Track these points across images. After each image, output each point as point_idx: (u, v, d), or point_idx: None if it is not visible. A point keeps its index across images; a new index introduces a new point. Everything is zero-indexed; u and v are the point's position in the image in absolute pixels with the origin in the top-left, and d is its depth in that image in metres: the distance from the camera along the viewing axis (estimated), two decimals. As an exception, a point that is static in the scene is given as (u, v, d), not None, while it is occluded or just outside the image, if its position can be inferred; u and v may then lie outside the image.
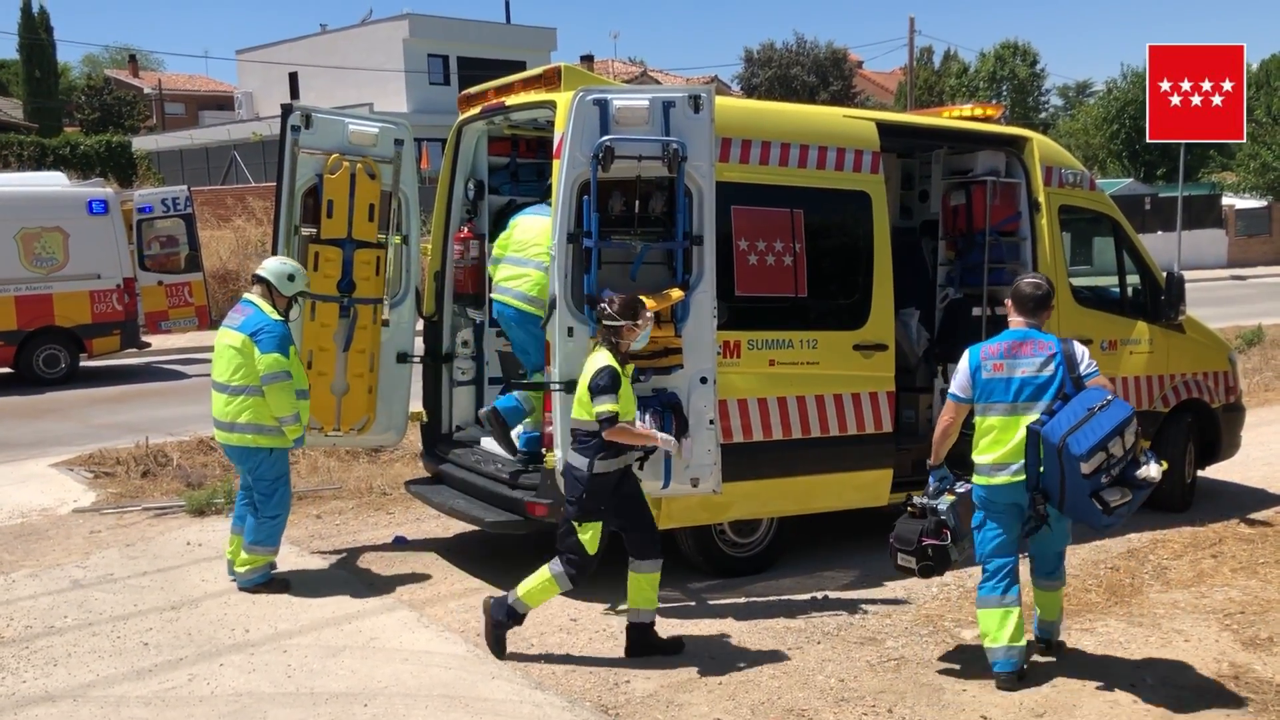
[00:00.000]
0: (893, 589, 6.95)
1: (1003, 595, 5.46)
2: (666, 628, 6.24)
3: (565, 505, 5.84)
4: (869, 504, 7.46)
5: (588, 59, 54.29)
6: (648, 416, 6.13)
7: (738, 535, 7.14)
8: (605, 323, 5.74)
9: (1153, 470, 5.20)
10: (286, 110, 7.29)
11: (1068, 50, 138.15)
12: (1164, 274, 8.87)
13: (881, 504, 7.49)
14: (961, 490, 5.67)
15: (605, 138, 6.13)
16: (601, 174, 6.18)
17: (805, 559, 7.41)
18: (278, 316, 6.81)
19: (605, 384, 5.53)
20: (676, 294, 6.26)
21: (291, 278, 6.93)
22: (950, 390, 5.68)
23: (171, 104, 62.65)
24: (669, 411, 6.21)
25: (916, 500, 5.77)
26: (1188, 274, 9.93)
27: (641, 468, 6.25)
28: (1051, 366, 5.35)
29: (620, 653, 5.88)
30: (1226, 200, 42.03)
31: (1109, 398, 5.22)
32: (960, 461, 5.85)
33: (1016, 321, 5.54)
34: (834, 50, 54.61)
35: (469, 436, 7.99)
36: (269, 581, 6.88)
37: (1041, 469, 5.28)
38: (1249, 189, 42.08)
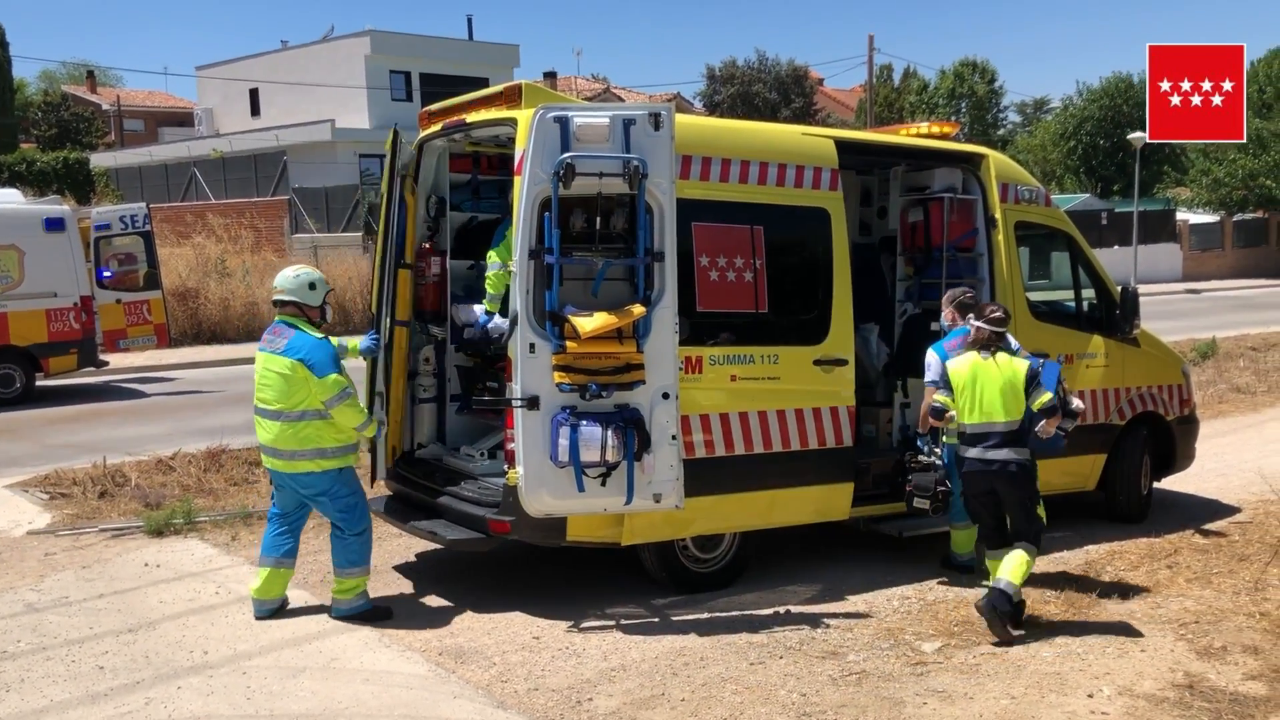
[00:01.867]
0: (854, 603, 6.99)
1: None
2: (628, 643, 6.25)
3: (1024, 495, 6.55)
4: (830, 518, 7.51)
5: (551, 76, 54.43)
6: (609, 433, 6.16)
7: (701, 550, 7.15)
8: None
9: (1077, 402, 6.94)
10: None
11: (1025, 68, 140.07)
12: (1119, 288, 9.00)
13: (842, 518, 7.54)
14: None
15: (566, 154, 6.16)
16: (563, 191, 6.20)
17: (768, 574, 7.43)
18: (319, 334, 6.60)
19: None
20: (638, 310, 6.29)
21: (313, 285, 6.68)
22: (930, 379, 7.08)
23: (130, 120, 62.08)
24: (631, 428, 6.23)
25: (921, 458, 7.28)
26: (1143, 288, 10.10)
27: (605, 483, 6.26)
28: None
29: (584, 670, 5.87)
30: (1181, 215, 42.79)
31: (1043, 361, 6.79)
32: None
33: (962, 323, 7.02)
34: (795, 68, 55.03)
35: (431, 454, 7.95)
36: (372, 610, 6.66)
37: None
38: (1202, 204, 42.84)
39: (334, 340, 6.78)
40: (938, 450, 7.28)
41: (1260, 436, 12.50)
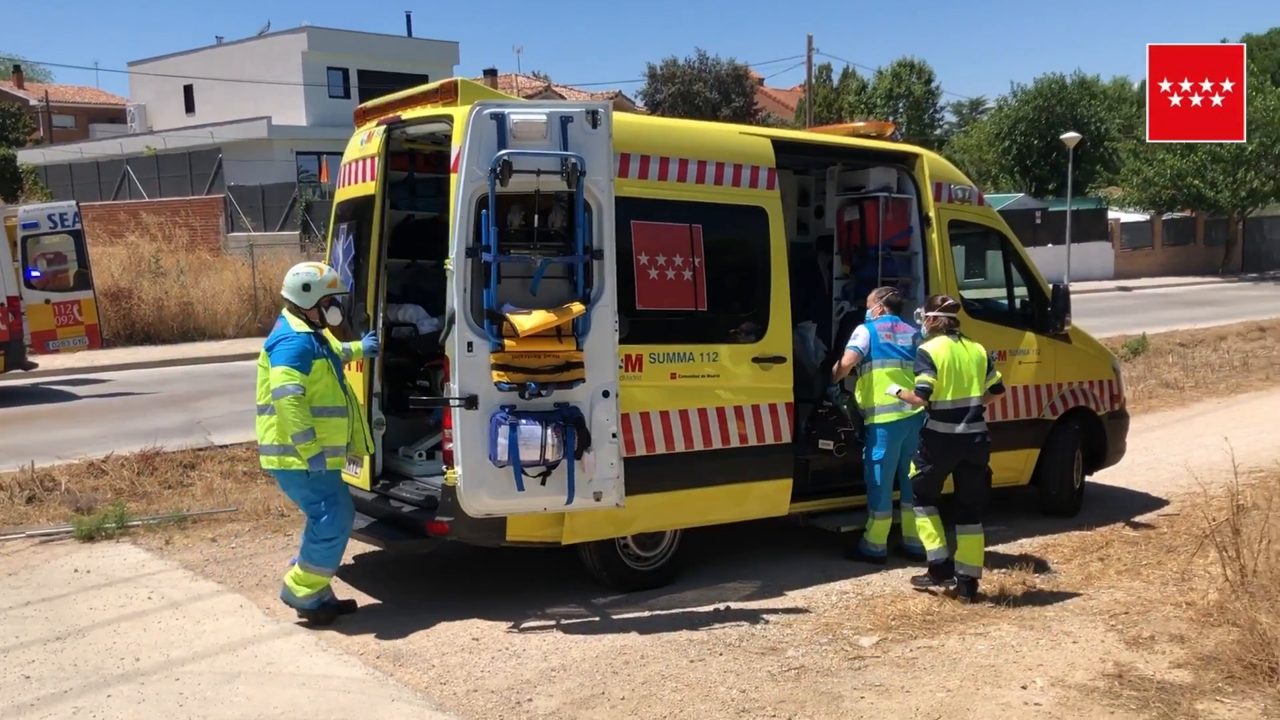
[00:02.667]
0: (794, 598, 7.04)
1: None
2: (569, 642, 6.24)
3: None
4: (770, 514, 7.56)
5: (491, 73, 54.09)
6: (549, 431, 6.14)
7: (641, 549, 7.16)
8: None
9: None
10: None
11: (961, 69, 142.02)
12: (1050, 286, 9.16)
13: (782, 513, 7.60)
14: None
15: (503, 152, 6.13)
16: (500, 188, 6.17)
17: (709, 571, 7.46)
18: (302, 328, 6.43)
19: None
20: (577, 308, 6.27)
21: (307, 287, 6.50)
22: (854, 344, 7.66)
23: (60, 116, 60.74)
24: (571, 426, 6.22)
25: (826, 404, 8.05)
26: (1076, 285, 10.31)
27: (545, 483, 6.24)
28: (914, 340, 7.54)
29: (524, 671, 5.85)
30: (1112, 214, 43.65)
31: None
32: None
33: (887, 311, 7.77)
34: (735, 67, 55.26)
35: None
36: (328, 605, 6.60)
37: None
38: (1133, 204, 43.73)
39: (337, 345, 6.66)
40: (845, 398, 7.97)
41: (1188, 431, 12.80)
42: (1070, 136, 37.51)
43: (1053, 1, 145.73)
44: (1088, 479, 9.56)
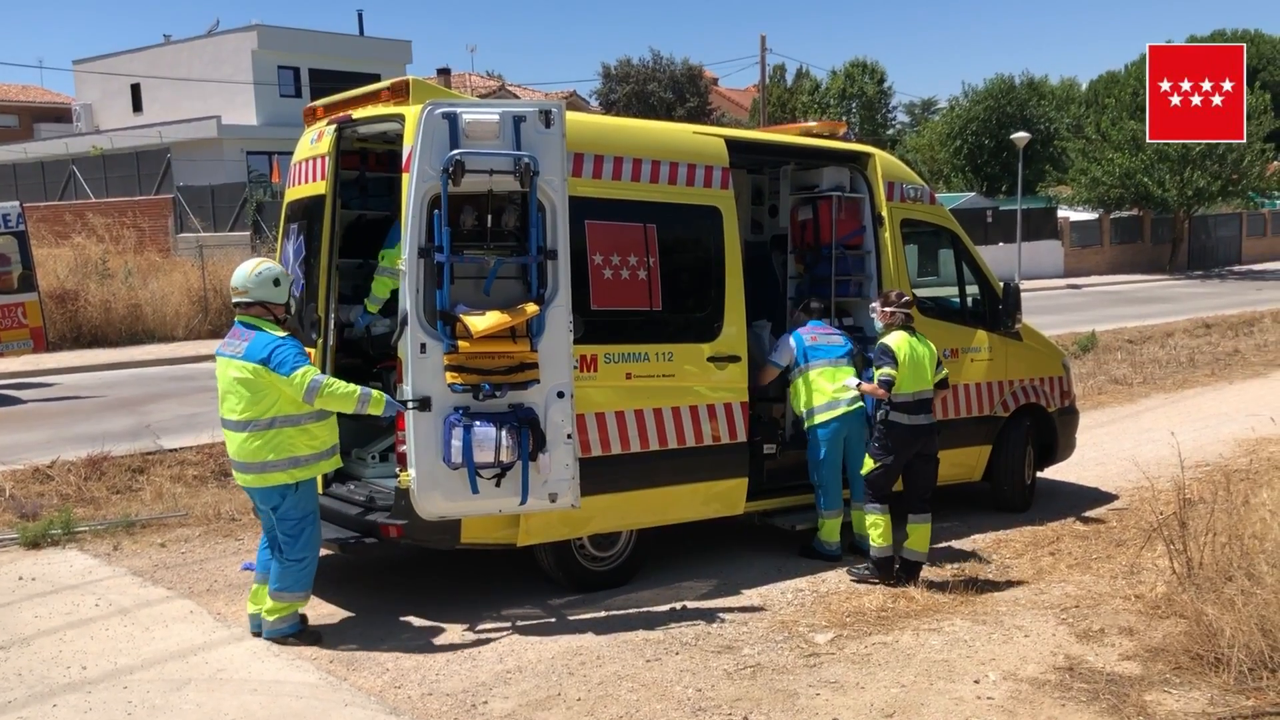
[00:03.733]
0: (749, 596, 7.06)
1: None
2: (524, 644, 6.21)
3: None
4: (726, 513, 7.57)
5: (445, 72, 53.62)
6: (504, 433, 6.10)
7: (597, 549, 7.14)
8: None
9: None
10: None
11: (913, 69, 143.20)
12: (1001, 284, 9.25)
13: (737, 512, 7.62)
14: None
15: (456, 151, 6.09)
16: (452, 188, 6.13)
17: (665, 570, 7.46)
18: (283, 333, 6.12)
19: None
20: (531, 308, 6.25)
21: (277, 282, 6.15)
22: (774, 359, 7.87)
23: (3, 116, 59.52)
24: (526, 427, 6.19)
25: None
26: (1027, 283, 10.44)
27: (499, 484, 6.21)
28: (842, 339, 7.92)
29: (479, 674, 5.81)
30: (1062, 213, 44.24)
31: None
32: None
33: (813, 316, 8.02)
34: (690, 67, 55.33)
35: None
36: (300, 633, 6.26)
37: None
38: (1082, 202, 44.35)
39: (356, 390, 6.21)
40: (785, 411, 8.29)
41: (1136, 426, 13.00)
42: (1020, 136, 37.99)
43: (1002, 4, 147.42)
44: (1039, 475, 9.68)
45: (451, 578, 7.42)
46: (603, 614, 6.70)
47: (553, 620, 6.64)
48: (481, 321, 6.10)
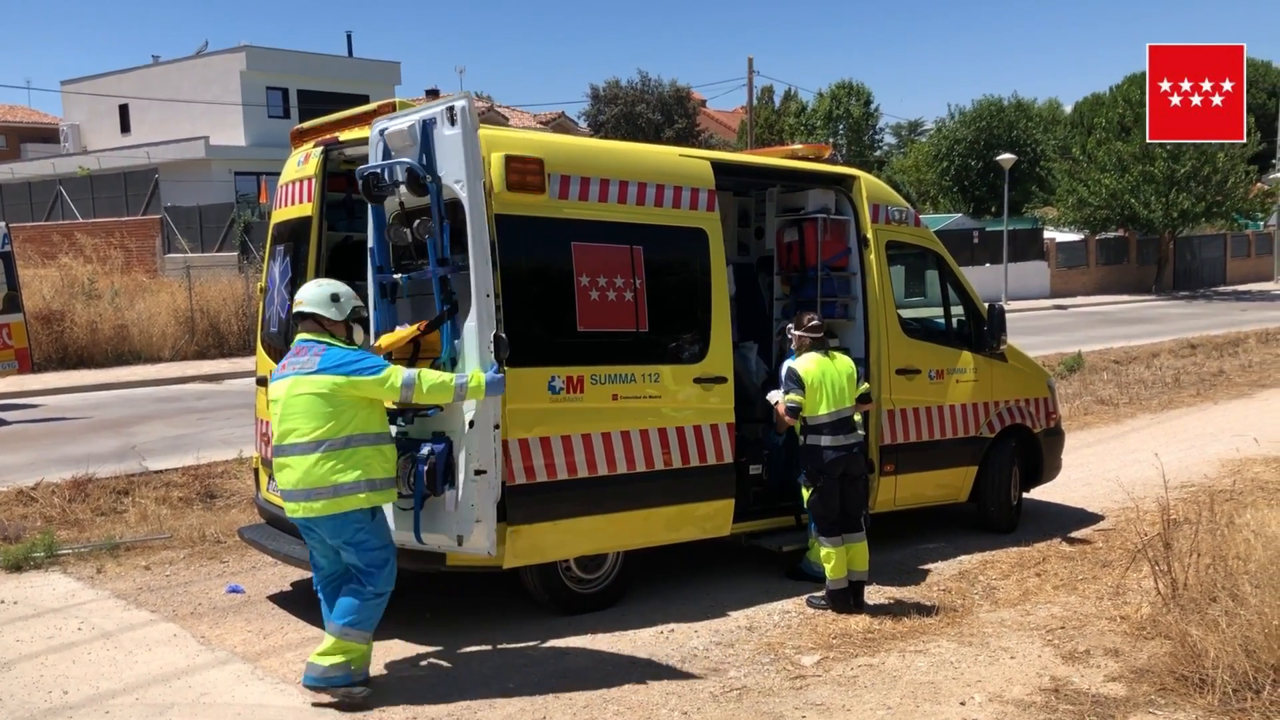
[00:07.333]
0: (736, 618, 7.05)
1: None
2: (510, 666, 6.18)
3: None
4: (712, 534, 7.56)
5: (433, 93, 53.27)
6: (401, 462, 5.84)
7: (584, 571, 7.12)
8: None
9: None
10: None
11: (899, 91, 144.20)
12: (986, 305, 9.30)
13: (724, 534, 7.61)
14: None
15: (362, 166, 6.13)
16: (390, 204, 6.21)
17: (652, 592, 7.44)
18: (353, 345, 5.78)
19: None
20: (411, 329, 6.07)
21: (336, 298, 5.76)
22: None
23: (-10, 135, 59.46)
24: (424, 460, 5.86)
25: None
26: (1013, 304, 10.51)
27: (413, 515, 6.05)
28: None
29: (465, 696, 5.78)
30: (1048, 234, 44.53)
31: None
32: None
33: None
34: (678, 89, 55.61)
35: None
36: (364, 683, 5.72)
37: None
38: (1068, 224, 44.64)
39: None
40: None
41: (1122, 447, 13.04)
42: (1006, 158, 38.27)
43: (988, 26, 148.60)
44: (1025, 495, 9.69)
45: (437, 600, 7.38)
46: (589, 636, 6.68)
47: (539, 642, 6.62)
48: (383, 340, 6.15)
